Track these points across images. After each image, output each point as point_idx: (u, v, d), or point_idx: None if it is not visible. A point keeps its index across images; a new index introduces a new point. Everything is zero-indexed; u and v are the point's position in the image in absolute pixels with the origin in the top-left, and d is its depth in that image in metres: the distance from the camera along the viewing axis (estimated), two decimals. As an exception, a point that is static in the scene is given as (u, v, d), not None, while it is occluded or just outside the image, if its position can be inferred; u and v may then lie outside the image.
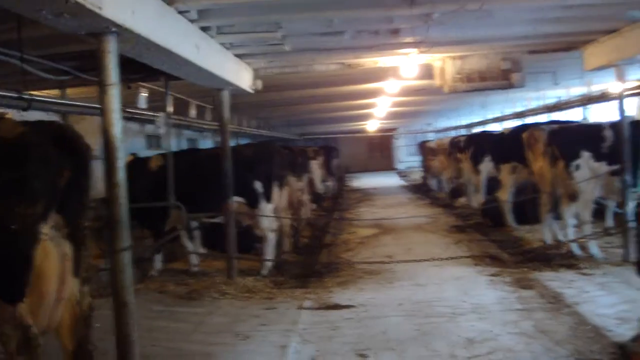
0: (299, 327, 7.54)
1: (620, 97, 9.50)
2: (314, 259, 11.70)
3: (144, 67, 7.22)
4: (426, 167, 27.66)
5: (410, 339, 6.91)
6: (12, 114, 6.49)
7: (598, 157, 10.26)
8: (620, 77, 9.32)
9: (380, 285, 9.53)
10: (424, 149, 27.90)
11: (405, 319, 7.69)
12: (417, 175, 32.08)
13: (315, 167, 19.45)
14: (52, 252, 4.18)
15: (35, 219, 4.00)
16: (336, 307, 8.40)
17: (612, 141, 10.12)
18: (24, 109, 7.46)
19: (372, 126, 33.06)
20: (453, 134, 26.10)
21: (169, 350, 6.75)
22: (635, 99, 10.16)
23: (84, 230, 4.64)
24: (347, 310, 8.24)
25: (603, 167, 10.20)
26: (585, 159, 10.31)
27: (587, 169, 10.27)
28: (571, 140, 10.62)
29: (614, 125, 10.15)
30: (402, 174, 38.13)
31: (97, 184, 5.36)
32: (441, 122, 31.95)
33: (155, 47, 5.71)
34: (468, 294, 8.67)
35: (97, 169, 5.11)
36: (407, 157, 41.73)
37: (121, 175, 5.20)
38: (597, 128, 10.77)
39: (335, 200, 23.21)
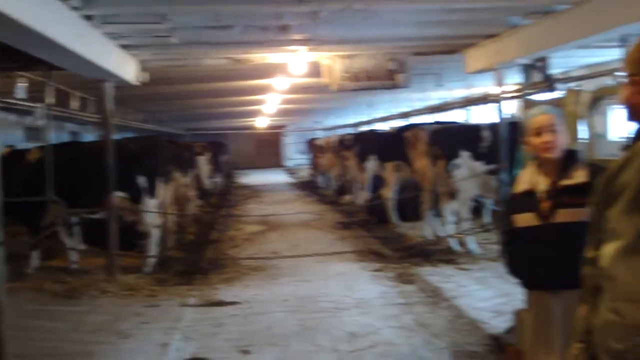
0: (181, 324, 7.43)
1: (498, 100, 9.93)
2: (199, 256, 11.56)
3: (24, 55, 6.90)
4: (314, 165, 27.93)
5: (294, 334, 6.97)
6: None
7: (477, 156, 10.71)
8: (499, 80, 9.73)
9: (266, 281, 9.56)
10: (312, 146, 28.16)
11: (290, 315, 7.75)
12: (305, 173, 32.34)
13: (203, 162, 19.24)
14: None
15: None
16: (221, 303, 8.36)
17: (490, 141, 10.59)
18: None
19: (261, 123, 33.02)
20: (341, 132, 26.46)
21: (46, 350, 6.49)
22: (513, 101, 10.61)
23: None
24: (232, 306, 8.20)
25: (481, 166, 10.65)
26: (465, 158, 10.74)
27: (466, 168, 10.70)
28: (451, 140, 11.04)
29: (492, 126, 10.61)
30: (290, 171, 38.31)
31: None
32: (330, 120, 32.32)
33: (33, 34, 5.45)
34: (351, 289, 8.83)
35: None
36: (296, 155, 41.95)
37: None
38: (476, 129, 11.24)
39: (223, 197, 23.04)
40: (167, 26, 7.38)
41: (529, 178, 3.61)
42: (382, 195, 14.33)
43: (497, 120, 10.03)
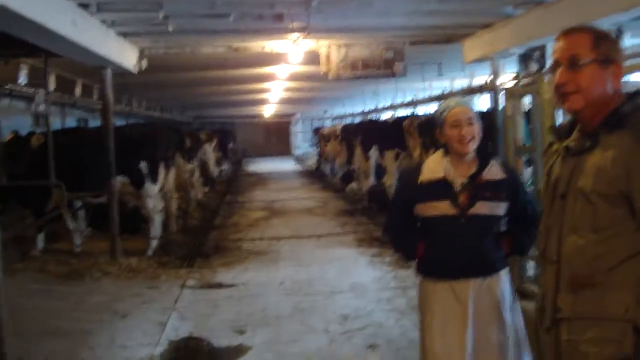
0: (179, 305, 7.64)
1: (494, 90, 9.99)
2: (202, 240, 11.76)
3: (25, 43, 7.08)
4: (320, 153, 28.04)
5: (288, 316, 7.13)
6: None
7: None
8: (495, 70, 9.78)
9: (265, 265, 9.72)
10: (319, 135, 28.27)
11: (285, 297, 7.91)
12: (312, 161, 32.44)
13: (209, 150, 19.38)
14: None
15: None
16: (219, 286, 8.55)
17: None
18: None
19: (268, 111, 33.16)
20: (348, 121, 26.52)
21: (46, 329, 6.66)
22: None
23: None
24: (229, 289, 8.39)
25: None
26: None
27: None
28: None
29: (484, 116, 10.62)
30: (298, 159, 38.42)
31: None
32: (337, 109, 32.38)
33: (27, 22, 5.61)
34: (348, 274, 8.98)
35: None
36: (303, 143, 42.02)
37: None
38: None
39: (229, 184, 23.21)
40: (162, 14, 7.50)
41: (439, 167, 3.64)
42: (383, 183, 14.46)
43: (489, 109, 10.06)
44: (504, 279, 3.62)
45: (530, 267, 7.29)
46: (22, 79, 9.73)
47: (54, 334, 6.57)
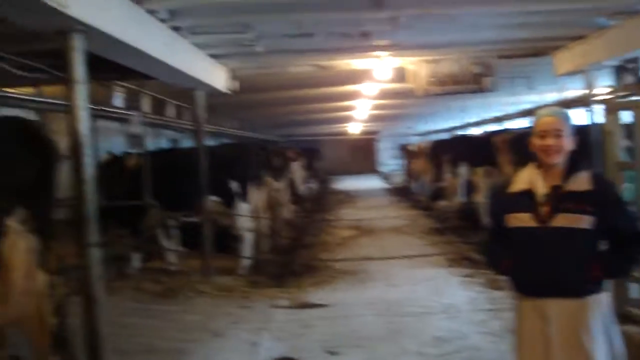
0: (271, 325, 7.64)
1: (587, 103, 9.62)
2: (292, 259, 11.78)
3: (120, 66, 7.29)
4: (408, 170, 27.80)
5: (380, 337, 7.02)
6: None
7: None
8: (589, 83, 9.44)
9: (354, 285, 9.64)
10: (405, 152, 28.04)
11: (377, 318, 7.81)
12: (399, 178, 32.20)
13: (297, 168, 19.47)
14: (17, 244, 4.25)
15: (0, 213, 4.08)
16: (309, 305, 8.52)
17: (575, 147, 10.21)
18: (-1, 106, 7.53)
19: (354, 129, 33.15)
20: (434, 137, 26.21)
21: (142, 346, 6.81)
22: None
23: (52, 224, 4.72)
24: (320, 309, 8.34)
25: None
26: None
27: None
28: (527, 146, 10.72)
29: (580, 131, 10.22)
30: (384, 177, 38.23)
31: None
32: (422, 125, 32.08)
33: (123, 46, 5.78)
34: (440, 294, 8.79)
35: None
36: (389, 160, 41.79)
37: (89, 172, 5.26)
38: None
39: (317, 202, 23.26)
40: (251, 35, 7.59)
41: (527, 178, 3.50)
42: (474, 200, 14.14)
43: (586, 124, 9.69)
44: (592, 305, 3.37)
45: (635, 289, 6.90)
46: (117, 100, 10.03)
47: (151, 352, 6.69)
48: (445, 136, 23.48)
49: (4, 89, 7.67)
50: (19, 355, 5.32)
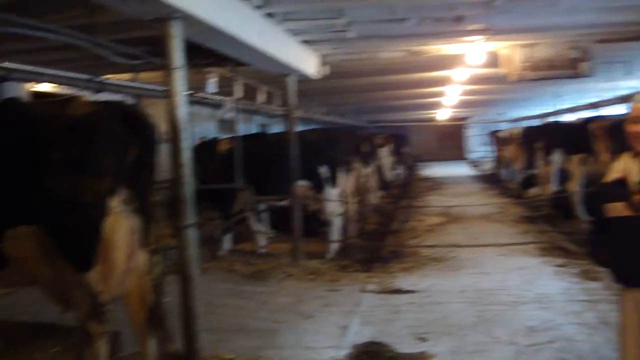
0: (360, 309, 7.69)
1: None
2: (380, 245, 11.79)
3: (213, 52, 7.45)
4: (497, 157, 27.29)
5: (471, 325, 6.94)
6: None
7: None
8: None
9: (444, 272, 9.57)
10: (496, 138, 27.52)
11: (467, 306, 7.72)
12: (488, 165, 31.64)
13: (384, 154, 19.44)
14: (120, 224, 4.43)
15: (104, 193, 4.25)
16: (398, 291, 8.52)
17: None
18: (97, 91, 7.84)
19: (442, 115, 32.77)
20: (525, 124, 25.58)
21: (234, 326, 6.98)
22: None
23: (152, 205, 4.88)
24: (410, 295, 8.33)
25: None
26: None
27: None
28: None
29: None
30: (473, 164, 37.64)
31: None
32: (513, 111, 31.37)
33: (218, 32, 5.90)
34: (532, 284, 8.62)
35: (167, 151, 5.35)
36: (478, 147, 41.05)
37: (186, 155, 5.41)
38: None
39: (404, 188, 23.15)
40: (344, 21, 7.60)
41: (622, 166, 3.35)
42: (567, 189, 13.73)
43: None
44: None
45: None
46: (211, 87, 10.23)
47: (242, 331, 6.84)
48: (537, 123, 22.84)
49: (105, 76, 7.98)
50: (119, 331, 5.58)
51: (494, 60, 10.43)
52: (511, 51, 9.92)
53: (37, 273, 4.40)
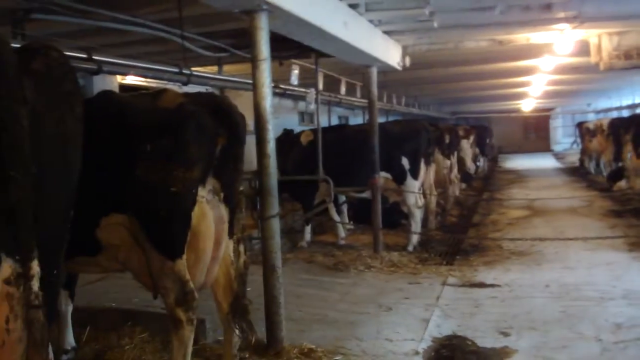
0: (441, 302, 7.62)
1: None
2: (461, 238, 11.66)
3: (296, 44, 7.52)
4: (584, 149, 26.54)
5: (555, 321, 6.80)
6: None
7: None
8: None
9: (528, 266, 9.39)
10: (582, 130, 26.75)
11: (551, 301, 7.56)
12: (574, 158, 30.79)
13: (466, 146, 19.18)
14: (208, 213, 4.54)
15: (193, 183, 4.37)
16: (480, 285, 8.42)
17: None
18: (184, 84, 8.02)
19: (527, 106, 32.06)
20: (614, 114, 24.73)
21: (314, 316, 7.02)
22: None
23: (238, 194, 4.97)
24: (492, 289, 8.22)
25: None
26: None
27: None
28: None
29: None
30: (558, 156, 36.68)
31: (252, 158, 5.71)
32: (601, 102, 30.37)
33: (304, 24, 5.94)
34: (620, 279, 8.37)
35: (252, 143, 5.44)
36: (564, 139, 39.94)
37: (271, 146, 5.49)
38: None
39: (486, 181, 22.81)
40: (428, 10, 7.52)
41: None
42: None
43: None
44: None
45: None
46: (294, 78, 10.32)
47: (322, 322, 6.88)
48: (625, 113, 22.07)
49: (189, 68, 8.14)
50: (204, 318, 5.73)
51: (583, 49, 10.13)
52: (601, 39, 9.61)
53: (128, 260, 4.56)
